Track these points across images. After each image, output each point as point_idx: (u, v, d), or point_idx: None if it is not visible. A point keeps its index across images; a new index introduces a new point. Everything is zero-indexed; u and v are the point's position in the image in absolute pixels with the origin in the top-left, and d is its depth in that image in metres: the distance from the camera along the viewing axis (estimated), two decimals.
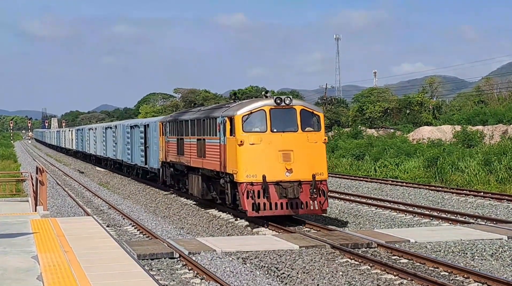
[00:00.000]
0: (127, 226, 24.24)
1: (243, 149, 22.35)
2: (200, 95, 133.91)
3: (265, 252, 17.85)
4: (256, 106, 22.82)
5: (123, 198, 34.28)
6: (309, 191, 22.37)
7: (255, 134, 22.53)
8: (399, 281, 14.71)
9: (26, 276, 10.88)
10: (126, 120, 59.19)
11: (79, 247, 13.56)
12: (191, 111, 31.15)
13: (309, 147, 22.71)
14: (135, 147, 44.14)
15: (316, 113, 23.41)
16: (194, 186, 28.47)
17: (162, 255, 17.47)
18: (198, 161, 27.16)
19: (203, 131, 26.46)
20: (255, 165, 22.19)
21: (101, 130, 60.26)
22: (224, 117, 23.78)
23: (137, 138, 43.53)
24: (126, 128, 47.94)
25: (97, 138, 62.22)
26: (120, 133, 50.26)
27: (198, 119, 27.56)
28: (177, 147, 31.06)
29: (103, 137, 58.19)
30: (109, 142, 55.32)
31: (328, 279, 14.99)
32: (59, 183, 43.14)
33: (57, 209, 29.17)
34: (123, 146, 48.70)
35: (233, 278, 15.28)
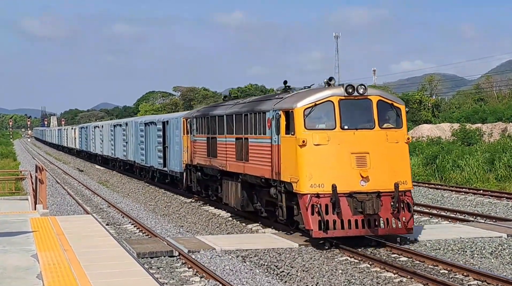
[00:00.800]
0: (127, 225, 24.24)
1: (306, 151, 17.93)
2: (199, 93, 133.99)
3: (265, 250, 17.87)
4: (321, 96, 18.37)
5: (122, 196, 34.28)
6: (390, 204, 18.07)
7: (320, 132, 18.09)
8: (398, 279, 14.72)
9: (25, 274, 10.88)
10: (139, 117, 53.72)
11: (79, 245, 13.56)
12: (225, 104, 26.03)
13: (389, 148, 18.40)
14: (151, 147, 39.18)
15: (397, 105, 18.99)
16: (231, 195, 23.91)
17: (162, 254, 17.49)
18: (238, 165, 22.58)
19: (246, 128, 21.90)
20: (322, 172, 17.79)
21: (108, 127, 55.36)
22: (277, 110, 19.31)
23: (153, 137, 38.68)
24: (139, 126, 42.77)
25: (104, 137, 57.31)
26: (131, 131, 45.39)
27: (238, 113, 22.85)
28: (208, 147, 26.28)
29: (111, 135, 53.28)
30: (118, 141, 50.52)
31: (328, 277, 15.00)
32: (58, 181, 43.14)
33: (56, 207, 29.17)
34: (135, 145, 43.77)
35: (232, 276, 15.29)
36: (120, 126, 50.03)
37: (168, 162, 35.08)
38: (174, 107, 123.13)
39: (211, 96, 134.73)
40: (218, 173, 25.52)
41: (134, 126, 44.35)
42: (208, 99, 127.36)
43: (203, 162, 27.10)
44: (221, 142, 24.59)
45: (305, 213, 17.74)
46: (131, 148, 45.15)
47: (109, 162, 56.06)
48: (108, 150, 54.83)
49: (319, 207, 17.60)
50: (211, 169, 26.21)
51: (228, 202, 24.35)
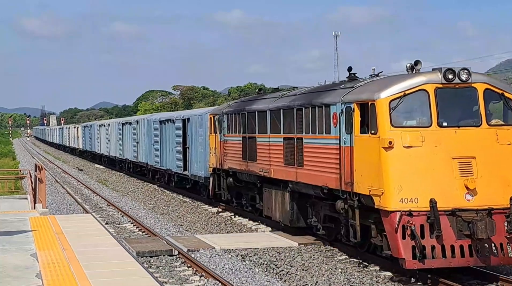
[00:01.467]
0: (126, 224, 24.24)
1: (393, 156, 14.00)
2: (199, 92, 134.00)
3: (264, 249, 17.87)
4: (412, 84, 14.36)
5: (122, 195, 34.27)
6: (505, 225, 14.10)
7: (412, 130, 14.15)
8: (398, 278, 14.71)
9: (25, 273, 10.87)
10: (152, 114, 48.86)
11: (78, 244, 13.56)
12: (267, 97, 21.63)
13: (500, 152, 14.44)
14: (168, 148, 34.94)
15: (508, 95, 14.95)
16: (275, 206, 20.19)
17: (161, 253, 17.50)
18: (287, 172, 18.88)
19: (299, 126, 18.05)
20: (415, 182, 13.93)
21: (116, 126, 51.01)
22: (348, 103, 15.41)
23: (171, 137, 34.40)
24: (153, 124, 38.58)
25: (111, 136, 52.81)
26: (143, 130, 41.07)
27: (288, 108, 18.91)
28: (244, 149, 22.32)
29: (119, 134, 48.93)
30: (127, 141, 46.21)
31: (327, 276, 15.00)
32: (58, 180, 43.13)
33: (56, 206, 29.17)
34: (148, 146, 39.50)
35: (232, 275, 15.29)
36: (129, 125, 45.83)
37: (190, 165, 30.90)
38: (174, 106, 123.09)
39: (211, 95, 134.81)
40: (257, 180, 21.69)
41: (147, 125, 40.26)
42: (207, 98, 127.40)
43: (236, 166, 23.22)
44: (263, 143, 20.73)
45: (393, 236, 13.89)
46: (143, 148, 41.03)
47: (117, 163, 52.20)
48: (116, 150, 50.88)
49: (412, 229, 13.71)
50: (248, 175, 22.42)
51: (271, 214, 20.58)
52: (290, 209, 19.30)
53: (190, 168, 30.73)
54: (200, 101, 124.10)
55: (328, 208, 17.44)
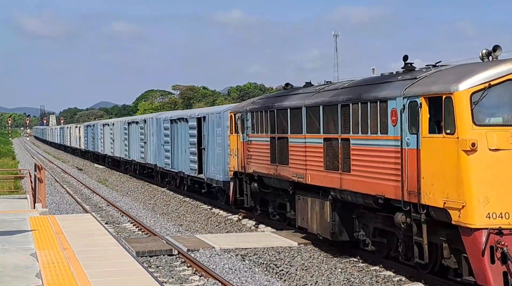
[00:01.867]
0: (126, 223, 24.24)
1: (477, 160, 11.84)
2: (198, 92, 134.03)
3: (264, 249, 17.87)
4: (499, 73, 12.06)
5: (121, 195, 34.27)
6: None
7: (500, 129, 11.99)
8: (397, 278, 14.71)
9: (25, 273, 10.87)
10: (162, 113, 45.50)
11: (78, 244, 13.56)
12: (300, 92, 19.16)
13: None
14: (180, 149, 32.53)
15: None
16: (312, 217, 17.68)
17: (161, 252, 17.50)
18: (329, 178, 16.34)
19: (345, 125, 15.58)
20: (504, 193, 11.81)
21: (121, 125, 48.42)
22: (413, 97, 13.22)
23: (184, 137, 31.94)
24: (163, 123, 35.99)
25: (116, 136, 50.48)
26: (151, 130, 38.63)
27: (329, 104, 16.40)
28: (272, 151, 19.81)
29: (125, 134, 46.55)
30: (133, 142, 43.84)
31: (327, 276, 15.00)
32: (57, 180, 43.13)
33: (55, 206, 29.17)
34: (157, 147, 37.01)
35: (232, 275, 15.29)
36: (136, 124, 43.26)
37: (206, 168, 28.34)
38: (173, 106, 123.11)
39: (210, 94, 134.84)
40: (289, 186, 19.06)
41: (156, 124, 37.63)
42: (207, 98, 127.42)
43: (263, 170, 20.74)
44: (297, 144, 18.15)
45: (477, 259, 11.74)
46: (151, 149, 38.49)
47: (121, 164, 49.82)
48: (121, 151, 48.42)
49: (504, 251, 11.56)
50: (277, 180, 19.83)
51: (307, 226, 18.05)
52: (331, 221, 16.65)
53: (206, 171, 28.27)
54: (199, 101, 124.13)
55: (380, 220, 15.18)
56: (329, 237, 16.81)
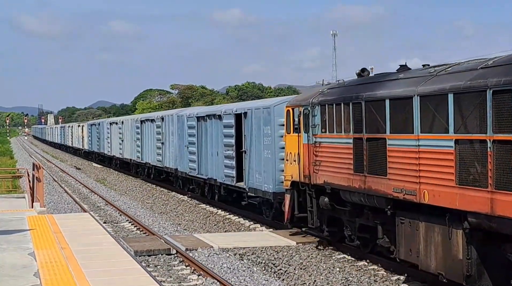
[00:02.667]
0: (124, 223, 24.23)
1: None
2: (197, 91, 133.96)
3: (262, 248, 17.88)
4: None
5: (120, 194, 34.26)
6: None
7: None
8: (395, 277, 14.72)
9: (23, 272, 10.86)
10: (185, 108, 39.12)
11: (76, 243, 13.54)
12: (403, 77, 14.47)
13: None
14: (211, 152, 27.31)
15: None
16: (430, 249, 13.00)
17: (159, 252, 17.50)
18: (469, 197, 11.64)
19: (500, 119, 11.00)
20: None
21: (132, 124, 43.61)
22: None
23: (216, 137, 26.97)
24: (186, 121, 30.72)
25: (126, 136, 45.73)
26: (171, 129, 33.70)
27: (468, 90, 11.70)
28: (356, 156, 15.38)
29: (137, 134, 41.60)
30: (147, 142, 38.99)
31: (325, 275, 15.01)
32: (55, 179, 43.11)
33: (53, 205, 29.15)
34: (178, 149, 32.09)
35: (230, 274, 15.29)
36: (151, 122, 38.15)
37: (247, 176, 23.35)
38: (172, 105, 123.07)
39: (209, 94, 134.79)
40: (386, 205, 14.32)
41: (177, 122, 32.35)
42: (205, 97, 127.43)
43: (341, 181, 16.03)
44: (403, 147, 13.62)
45: None
46: (171, 151, 33.52)
47: (132, 167, 45.24)
48: (132, 152, 43.49)
49: None
50: (365, 196, 15.11)
51: (418, 261, 13.44)
52: (465, 258, 12.05)
53: (248, 179, 23.30)
54: (198, 100, 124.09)
55: None
56: (462, 281, 12.13)
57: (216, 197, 26.90)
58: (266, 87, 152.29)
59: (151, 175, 39.46)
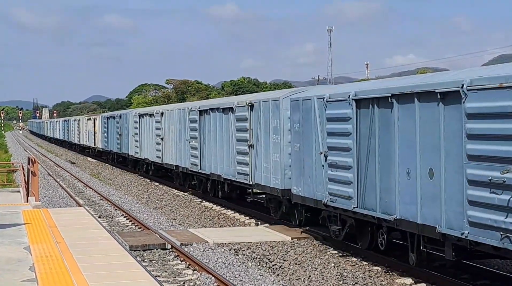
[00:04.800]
0: (119, 217, 24.23)
1: None
2: (192, 86, 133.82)
3: (257, 244, 17.90)
4: None
5: (115, 189, 34.24)
6: None
7: None
8: (390, 273, 14.75)
9: (18, 266, 10.85)
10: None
11: (71, 238, 13.54)
12: None
13: None
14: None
15: None
16: None
17: (154, 246, 17.51)
18: None
19: None
20: None
21: (182, 116, 29.84)
22: None
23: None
24: (291, 105, 18.98)
25: (167, 134, 32.56)
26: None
27: None
28: None
29: (193, 131, 27.95)
30: (219, 143, 25.06)
31: (320, 271, 15.04)
32: (50, 173, 43.05)
33: (48, 200, 29.12)
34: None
35: (225, 269, 15.31)
36: (220, 112, 24.83)
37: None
38: (167, 100, 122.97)
39: (204, 89, 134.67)
40: None
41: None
42: (201, 92, 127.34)
43: None
44: None
45: None
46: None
47: (179, 177, 31.73)
48: (182, 158, 29.86)
49: None
50: None
51: None
52: None
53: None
54: (193, 95, 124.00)
55: None
56: None
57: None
58: (261, 83, 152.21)
59: (217, 192, 26.34)
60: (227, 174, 24.24)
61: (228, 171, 24.17)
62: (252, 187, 22.28)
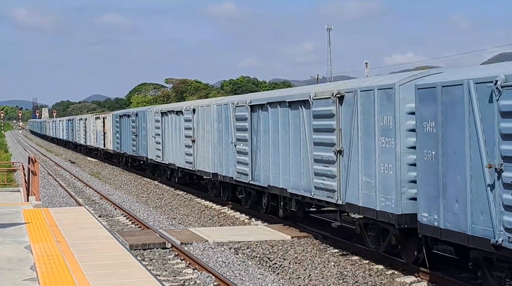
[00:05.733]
0: (119, 217, 24.26)
1: None
2: (191, 86, 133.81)
3: (257, 243, 17.93)
4: None
5: (114, 188, 34.26)
6: None
7: None
8: (390, 271, 14.79)
9: (19, 266, 10.90)
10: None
11: (72, 237, 13.58)
12: None
13: None
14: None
15: None
16: None
17: (154, 245, 17.55)
18: None
19: None
20: None
21: (225, 112, 24.12)
22: None
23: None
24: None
25: (202, 135, 26.79)
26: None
27: None
28: None
29: (241, 132, 22.43)
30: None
31: (320, 269, 15.07)
32: (50, 173, 43.07)
33: (48, 199, 29.15)
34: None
35: (225, 268, 15.34)
36: (285, 107, 19.31)
37: None
38: (166, 99, 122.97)
39: (203, 88, 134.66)
40: None
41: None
42: (200, 91, 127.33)
43: None
44: None
45: None
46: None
47: (226, 188, 25.46)
48: (224, 166, 24.36)
49: None
50: None
51: None
52: None
53: None
54: (192, 94, 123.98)
55: None
56: None
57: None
58: (261, 82, 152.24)
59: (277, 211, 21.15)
60: (296, 188, 18.67)
61: (298, 184, 18.61)
62: (341, 208, 16.72)
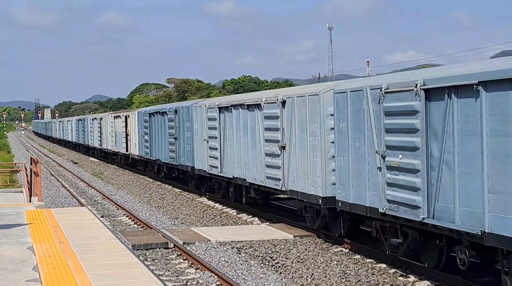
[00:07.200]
0: (121, 217, 24.27)
1: None
2: (193, 85, 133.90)
3: (260, 242, 17.94)
4: None
5: (117, 188, 34.28)
6: None
7: None
8: (393, 270, 14.79)
9: (22, 266, 10.90)
10: None
11: (74, 237, 13.58)
12: None
13: None
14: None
15: None
16: None
17: (157, 245, 17.56)
18: None
19: None
20: None
21: (306, 108, 17.88)
22: None
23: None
24: None
25: (292, 135, 18.67)
26: None
27: None
28: None
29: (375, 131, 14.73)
30: None
31: (323, 268, 15.07)
32: (52, 173, 43.10)
33: (51, 199, 29.17)
34: None
35: (228, 267, 15.35)
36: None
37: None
38: (168, 99, 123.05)
39: (205, 87, 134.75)
40: None
41: None
42: (201, 91, 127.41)
43: None
44: None
45: None
46: None
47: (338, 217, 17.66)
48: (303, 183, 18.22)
49: None
50: None
51: None
52: None
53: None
54: (194, 94, 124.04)
55: None
56: None
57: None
58: (262, 81, 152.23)
59: None
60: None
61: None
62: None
